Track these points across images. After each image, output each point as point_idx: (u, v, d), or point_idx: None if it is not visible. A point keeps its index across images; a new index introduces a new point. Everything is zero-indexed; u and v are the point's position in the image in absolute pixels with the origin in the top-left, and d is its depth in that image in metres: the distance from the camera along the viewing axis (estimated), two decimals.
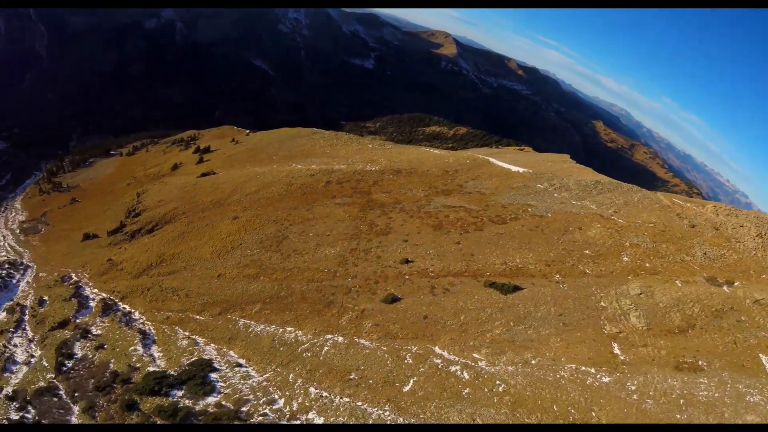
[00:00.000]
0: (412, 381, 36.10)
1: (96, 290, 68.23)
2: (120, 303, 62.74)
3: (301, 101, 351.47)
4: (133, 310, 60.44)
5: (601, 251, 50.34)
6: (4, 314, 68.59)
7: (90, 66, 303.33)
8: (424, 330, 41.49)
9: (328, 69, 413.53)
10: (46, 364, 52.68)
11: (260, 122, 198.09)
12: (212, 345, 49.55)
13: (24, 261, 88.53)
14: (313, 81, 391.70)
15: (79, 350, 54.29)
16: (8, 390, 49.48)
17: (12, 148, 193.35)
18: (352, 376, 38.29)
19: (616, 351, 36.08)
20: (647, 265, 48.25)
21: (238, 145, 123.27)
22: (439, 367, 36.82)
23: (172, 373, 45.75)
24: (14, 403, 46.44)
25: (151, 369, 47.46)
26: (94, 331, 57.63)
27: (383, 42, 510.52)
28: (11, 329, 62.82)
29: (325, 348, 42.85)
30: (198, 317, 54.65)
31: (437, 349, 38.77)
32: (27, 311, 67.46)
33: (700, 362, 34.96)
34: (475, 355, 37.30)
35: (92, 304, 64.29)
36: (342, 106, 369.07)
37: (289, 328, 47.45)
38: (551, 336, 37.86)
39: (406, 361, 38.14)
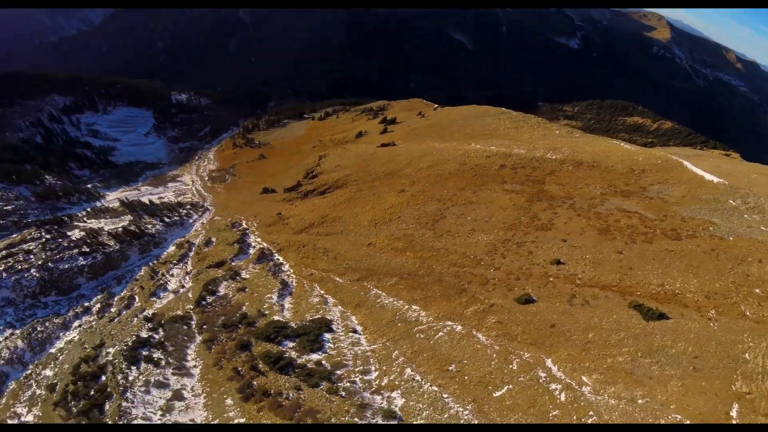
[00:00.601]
0: (506, 388, 34.24)
1: (259, 239, 75.40)
2: (275, 254, 68.87)
3: (497, 78, 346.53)
4: (284, 263, 66.07)
5: None
6: (173, 248, 79.55)
7: (292, 33, 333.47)
8: (545, 339, 38.74)
9: (529, 46, 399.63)
10: (191, 296, 60.21)
11: (453, 97, 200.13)
12: (339, 307, 52.01)
13: (205, 205, 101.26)
14: (513, 58, 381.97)
15: (222, 289, 60.90)
16: (149, 312, 57.37)
17: (214, 104, 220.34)
18: (450, 368, 37.55)
19: (733, 413, 30.03)
20: None
21: (423, 119, 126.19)
22: (541, 381, 34.32)
23: (293, 325, 49.15)
24: (149, 324, 53.71)
25: (276, 318, 51.42)
26: (243, 275, 64.05)
27: (591, 21, 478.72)
28: (174, 261, 72.59)
29: (440, 334, 42.41)
30: (337, 279, 57.74)
31: (548, 362, 36.02)
32: (193, 248, 77.26)
33: None
34: (584, 378, 33.93)
35: (251, 251, 71.41)
36: (540, 86, 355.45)
37: (414, 307, 47.81)
38: (673, 378, 32.79)
39: (510, 366, 36.20)
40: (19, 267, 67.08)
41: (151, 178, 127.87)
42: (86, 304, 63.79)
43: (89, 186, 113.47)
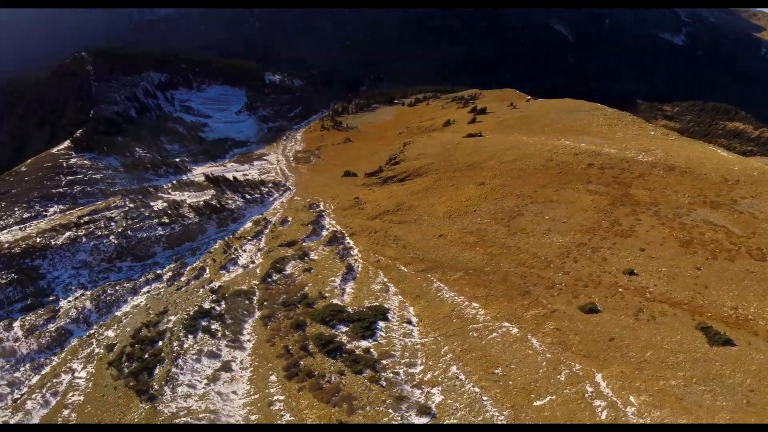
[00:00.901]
0: (548, 398, 32.91)
1: (333, 222, 76.83)
2: (347, 238, 69.91)
3: (596, 72, 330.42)
4: (353, 247, 66.94)
5: None
6: (250, 224, 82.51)
7: (387, 17, 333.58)
8: (601, 352, 36.81)
9: (631, 41, 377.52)
10: (258, 272, 62.41)
11: (549, 89, 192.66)
12: (399, 297, 52.06)
13: (287, 184, 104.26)
14: (613, 52, 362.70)
15: (289, 268, 62.71)
16: (216, 284, 59.93)
17: (307, 86, 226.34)
18: (497, 371, 36.58)
19: None
20: None
21: (514, 110, 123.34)
22: (586, 395, 32.63)
23: (349, 310, 49.70)
24: (213, 296, 56.16)
25: (335, 301, 52.25)
26: (312, 255, 65.58)
27: (698, 17, 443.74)
28: (249, 237, 75.35)
29: (494, 334, 41.44)
30: (402, 268, 57.81)
31: (598, 377, 34.18)
32: (269, 226, 79.85)
33: None
34: (631, 397, 31.91)
35: (324, 233, 72.84)
36: (640, 83, 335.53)
37: (474, 304, 47.01)
38: (724, 410, 30.07)
39: (558, 376, 34.71)
40: (99, 233, 72.19)
41: (238, 156, 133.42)
42: (158, 271, 67.69)
43: (177, 160, 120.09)
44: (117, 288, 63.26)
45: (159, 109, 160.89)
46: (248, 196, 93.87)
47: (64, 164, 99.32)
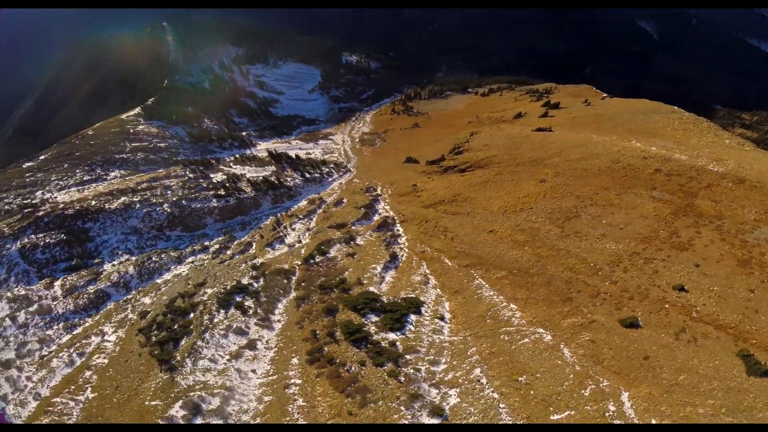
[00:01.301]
0: (566, 413, 30.80)
1: (387, 207, 75.85)
2: (397, 224, 68.80)
3: (678, 73, 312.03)
4: (402, 235, 65.80)
5: None
6: (305, 203, 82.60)
7: (479, 14, 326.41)
8: (632, 371, 34.10)
9: (717, 44, 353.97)
10: (303, 252, 62.25)
11: (628, 87, 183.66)
12: (437, 290, 50.56)
13: (348, 165, 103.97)
14: (698, 54, 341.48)
15: (333, 251, 62.17)
16: (258, 260, 60.07)
17: (382, 68, 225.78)
18: (521, 378, 34.62)
19: None
20: None
21: (588, 107, 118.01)
22: (606, 414, 30.27)
23: (384, 299, 48.52)
24: (253, 272, 56.20)
25: (371, 289, 51.23)
26: (358, 240, 64.80)
27: None
28: (300, 216, 75.38)
29: (525, 340, 39.31)
30: (446, 261, 56.21)
31: (624, 396, 31.66)
32: (323, 206, 79.68)
33: None
34: (653, 421, 29.41)
35: (375, 218, 71.95)
36: (722, 88, 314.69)
37: (512, 306, 44.96)
38: None
39: (582, 391, 32.39)
40: (154, 200, 73.95)
41: (305, 133, 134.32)
42: (206, 243, 68.68)
43: (244, 134, 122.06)
44: (162, 256, 64.53)
45: (233, 83, 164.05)
46: (308, 175, 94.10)
47: (131, 130, 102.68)
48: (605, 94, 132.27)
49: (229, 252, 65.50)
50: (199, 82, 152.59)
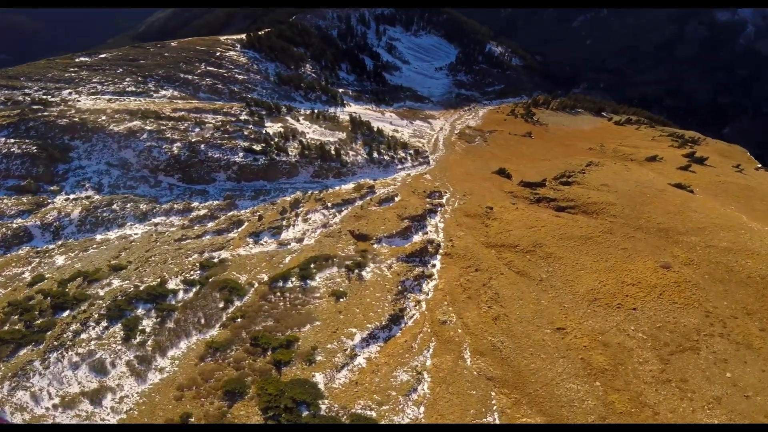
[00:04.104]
0: None
1: (440, 226, 53.79)
2: (436, 258, 46.58)
3: None
4: (433, 279, 43.37)
5: None
6: (351, 186, 62.69)
7: (643, 32, 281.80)
8: None
9: None
10: (281, 266, 41.69)
11: None
12: (418, 410, 28.65)
13: (430, 157, 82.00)
14: None
15: (320, 279, 41.65)
16: (218, 255, 40.25)
17: (522, 67, 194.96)
18: None
19: None
20: None
21: (739, 175, 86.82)
22: None
23: (321, 407, 28.02)
24: (198, 272, 37.44)
25: (317, 378, 30.59)
26: (366, 271, 43.10)
27: None
28: (329, 204, 55.75)
29: None
30: (466, 357, 33.97)
31: None
32: (366, 198, 59.30)
33: None
34: None
35: (415, 238, 50.09)
36: None
37: None
38: None
39: None
40: (169, 135, 55.83)
41: (406, 109, 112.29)
42: (194, 203, 49.70)
43: (340, 90, 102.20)
44: (127, 206, 46.30)
45: (363, 38, 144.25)
46: (375, 155, 73.06)
47: (218, 53, 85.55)
48: (759, 165, 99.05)
49: (209, 225, 46.28)
50: (327, 28, 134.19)
